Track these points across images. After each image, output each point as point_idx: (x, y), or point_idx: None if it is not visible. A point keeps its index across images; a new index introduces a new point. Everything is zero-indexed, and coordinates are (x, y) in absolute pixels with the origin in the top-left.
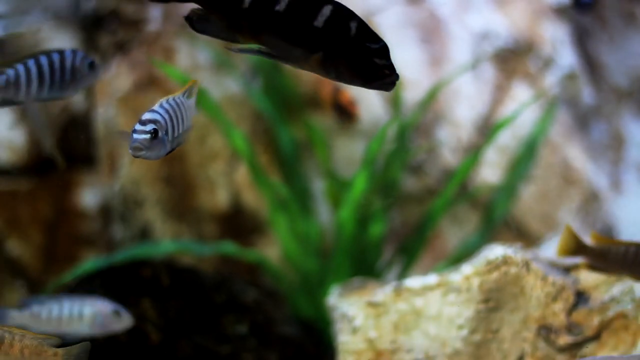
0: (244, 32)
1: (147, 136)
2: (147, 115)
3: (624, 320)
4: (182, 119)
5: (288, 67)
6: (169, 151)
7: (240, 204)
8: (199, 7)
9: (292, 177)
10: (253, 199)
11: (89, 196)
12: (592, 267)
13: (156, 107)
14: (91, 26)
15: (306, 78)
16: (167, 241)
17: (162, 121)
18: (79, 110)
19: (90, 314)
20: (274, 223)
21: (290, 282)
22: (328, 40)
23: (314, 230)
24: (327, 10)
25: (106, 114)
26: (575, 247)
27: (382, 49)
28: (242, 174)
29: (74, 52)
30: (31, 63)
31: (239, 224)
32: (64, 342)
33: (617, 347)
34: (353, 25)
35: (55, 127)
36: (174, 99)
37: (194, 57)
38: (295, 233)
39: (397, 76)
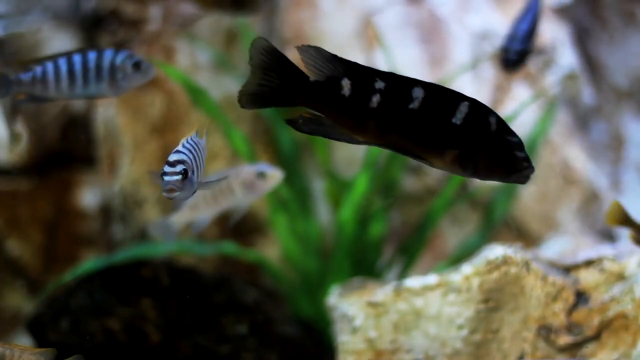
0: (369, 131)
1: (179, 177)
2: (174, 157)
3: (624, 320)
4: (202, 158)
5: None
6: (195, 191)
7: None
8: (308, 110)
9: (292, 177)
10: None
11: (89, 196)
12: (638, 240)
13: (180, 147)
14: (91, 26)
15: None
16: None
17: (189, 161)
18: (79, 110)
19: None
20: (274, 223)
21: (290, 282)
22: (468, 136)
23: (314, 230)
24: (464, 107)
25: (106, 114)
26: (622, 219)
27: (520, 142)
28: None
29: (115, 51)
30: (62, 61)
31: (239, 224)
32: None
33: (617, 347)
34: (492, 120)
35: (55, 126)
36: (192, 139)
37: (194, 57)
38: (295, 233)
39: (533, 168)
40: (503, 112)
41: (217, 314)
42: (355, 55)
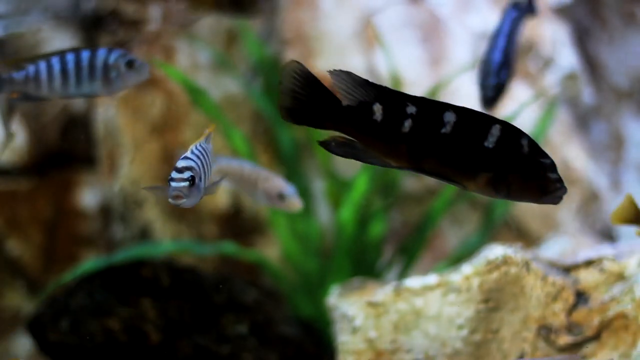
0: (401, 156)
1: (186, 184)
2: (182, 163)
3: (624, 320)
4: (209, 164)
5: None
6: (201, 197)
7: (240, 204)
8: (340, 134)
9: (292, 177)
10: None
11: (89, 196)
12: None
13: (188, 154)
14: (91, 26)
15: None
16: (167, 241)
17: (197, 167)
18: (79, 110)
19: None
20: (274, 223)
21: (290, 282)
22: (500, 159)
23: (314, 230)
24: (496, 130)
25: (106, 114)
26: (633, 216)
27: (553, 164)
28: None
29: (109, 50)
30: (55, 60)
31: (239, 224)
32: None
33: (617, 347)
34: (524, 142)
35: (56, 126)
36: (200, 145)
37: (194, 57)
38: (295, 233)
39: (566, 189)
40: (503, 112)
41: (217, 314)
42: (355, 55)
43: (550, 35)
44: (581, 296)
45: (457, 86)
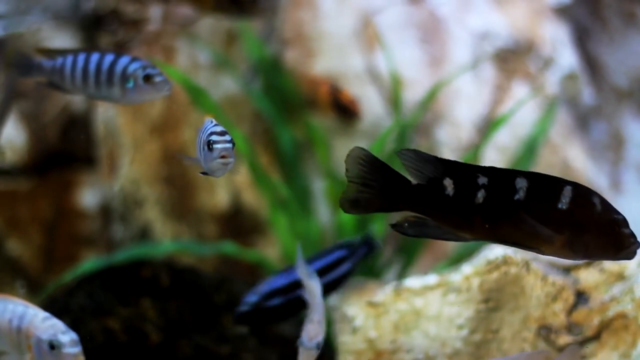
0: (476, 227)
1: (230, 145)
2: (218, 127)
3: (624, 320)
4: None
5: (287, 67)
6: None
7: (240, 204)
8: (412, 214)
9: (292, 177)
10: (253, 199)
11: (89, 196)
12: None
13: (214, 122)
14: (91, 26)
15: (301, 78)
16: (167, 241)
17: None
18: (79, 110)
19: None
20: (274, 223)
21: None
22: (575, 220)
23: (314, 230)
24: (568, 191)
25: (106, 114)
26: None
27: (625, 219)
28: (242, 174)
29: (132, 59)
30: (81, 57)
31: (239, 224)
32: None
33: (617, 347)
34: (596, 201)
35: (56, 126)
36: (212, 120)
37: (194, 57)
38: (295, 233)
39: (639, 244)
40: (503, 112)
41: (217, 314)
42: (355, 55)
43: (550, 35)
44: (581, 296)
45: (457, 86)
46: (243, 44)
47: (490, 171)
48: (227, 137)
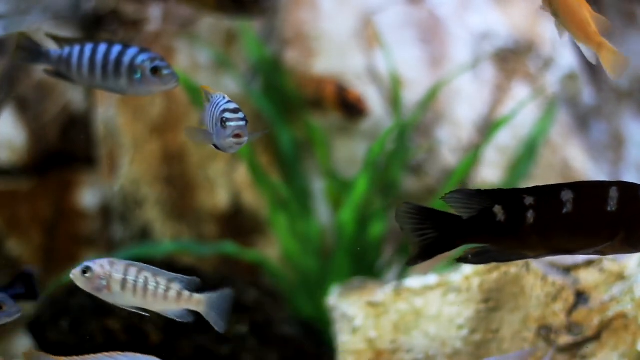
0: (534, 245)
1: (244, 122)
2: (231, 105)
3: (624, 320)
4: None
5: (287, 67)
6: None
7: (240, 204)
8: (474, 245)
9: (292, 177)
10: (253, 199)
11: (89, 196)
12: None
13: (226, 99)
14: (91, 26)
15: (306, 78)
16: (167, 241)
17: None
18: (79, 110)
19: None
20: (274, 223)
21: (290, 282)
22: (628, 217)
23: (314, 230)
24: (614, 192)
25: (106, 114)
26: None
27: None
28: (242, 174)
29: (140, 50)
30: (88, 47)
31: (239, 224)
32: None
33: (617, 347)
34: None
35: (56, 126)
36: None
37: (194, 57)
38: (295, 233)
39: None
40: (503, 112)
41: None
42: (355, 55)
43: (550, 35)
44: (581, 296)
45: (457, 86)
46: (243, 44)
47: (535, 191)
48: (241, 115)
